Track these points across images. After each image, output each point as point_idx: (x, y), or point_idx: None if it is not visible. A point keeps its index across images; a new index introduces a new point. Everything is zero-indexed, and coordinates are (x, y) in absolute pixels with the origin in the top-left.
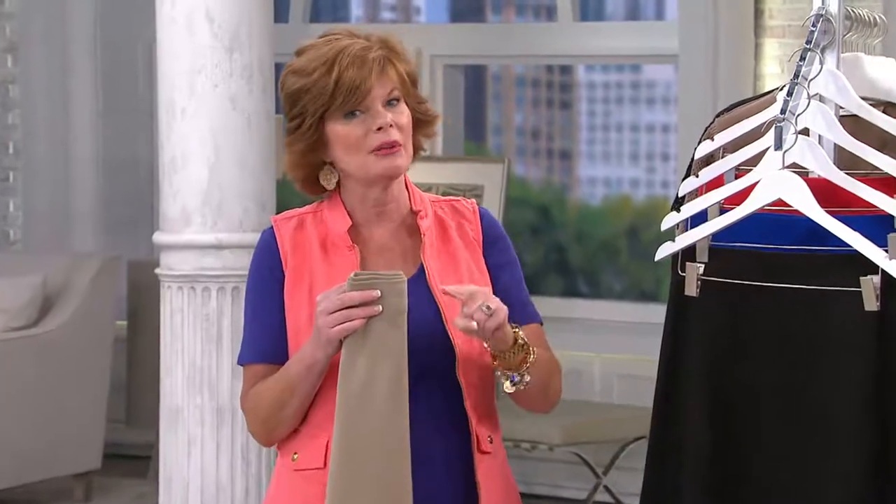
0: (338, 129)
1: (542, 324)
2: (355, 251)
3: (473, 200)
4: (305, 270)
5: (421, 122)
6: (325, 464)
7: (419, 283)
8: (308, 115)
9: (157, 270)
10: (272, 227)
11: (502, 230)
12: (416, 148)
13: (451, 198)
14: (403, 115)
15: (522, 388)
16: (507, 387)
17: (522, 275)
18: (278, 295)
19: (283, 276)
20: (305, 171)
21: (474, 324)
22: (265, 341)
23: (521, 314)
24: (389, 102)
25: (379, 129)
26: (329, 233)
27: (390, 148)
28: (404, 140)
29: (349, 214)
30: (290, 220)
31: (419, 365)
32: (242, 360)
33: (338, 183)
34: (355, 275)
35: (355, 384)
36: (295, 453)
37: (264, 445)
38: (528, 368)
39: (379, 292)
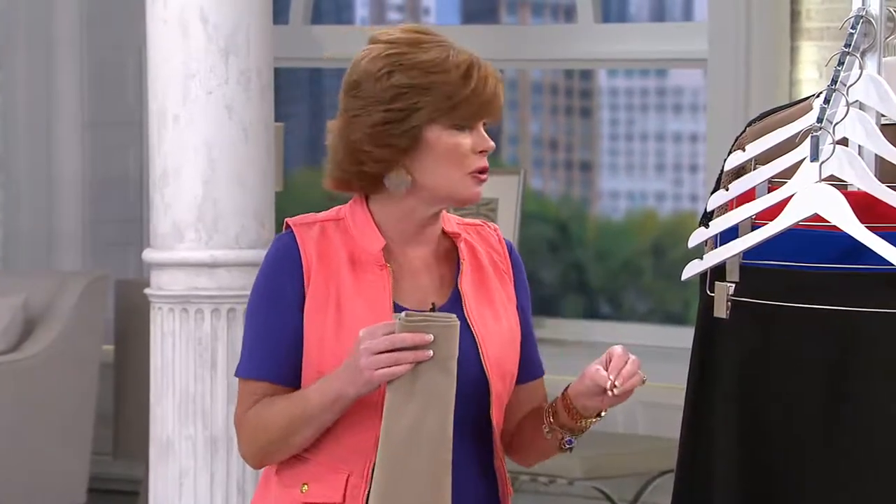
0: (444, 137)
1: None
2: (387, 270)
3: (497, 226)
4: (332, 285)
5: None
6: (343, 499)
7: (454, 312)
8: (416, 113)
9: (147, 291)
10: (291, 231)
11: (523, 266)
12: None
13: (474, 221)
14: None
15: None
16: (563, 446)
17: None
18: (295, 307)
19: (304, 287)
20: (365, 168)
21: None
22: (274, 358)
23: (536, 366)
24: (485, 127)
25: (482, 151)
26: (357, 247)
27: (483, 174)
28: None
29: (381, 231)
30: (313, 227)
31: (457, 405)
32: (244, 374)
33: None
34: (407, 315)
35: (403, 430)
36: (305, 484)
37: (254, 468)
38: (582, 433)
39: (432, 336)
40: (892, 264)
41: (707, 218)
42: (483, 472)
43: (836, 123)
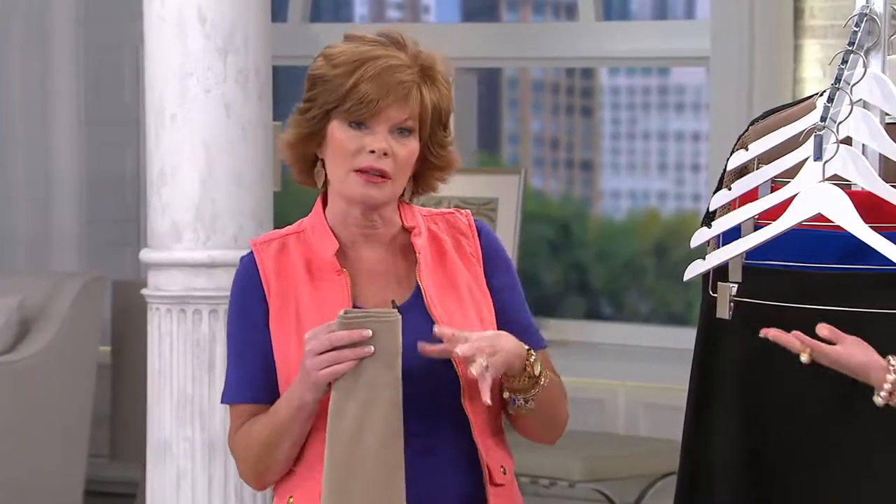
0: (337, 133)
1: (546, 348)
2: (344, 276)
3: (468, 211)
4: (291, 298)
5: (433, 165)
6: None
7: (416, 307)
8: (317, 104)
9: (144, 291)
10: (251, 253)
11: (502, 246)
12: (428, 188)
13: (444, 210)
14: (406, 147)
15: (524, 412)
16: (509, 408)
17: (524, 296)
18: (262, 326)
19: (267, 305)
20: (296, 157)
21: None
22: (250, 379)
23: (524, 341)
24: (400, 130)
25: (372, 151)
26: (315, 256)
27: (374, 176)
28: (395, 173)
29: (335, 235)
30: (272, 244)
31: (422, 397)
32: (227, 400)
33: (324, 197)
34: (345, 313)
35: (345, 431)
36: (290, 497)
37: (256, 490)
38: (535, 395)
39: (370, 332)
40: None
41: (709, 218)
42: (464, 462)
43: (840, 122)
